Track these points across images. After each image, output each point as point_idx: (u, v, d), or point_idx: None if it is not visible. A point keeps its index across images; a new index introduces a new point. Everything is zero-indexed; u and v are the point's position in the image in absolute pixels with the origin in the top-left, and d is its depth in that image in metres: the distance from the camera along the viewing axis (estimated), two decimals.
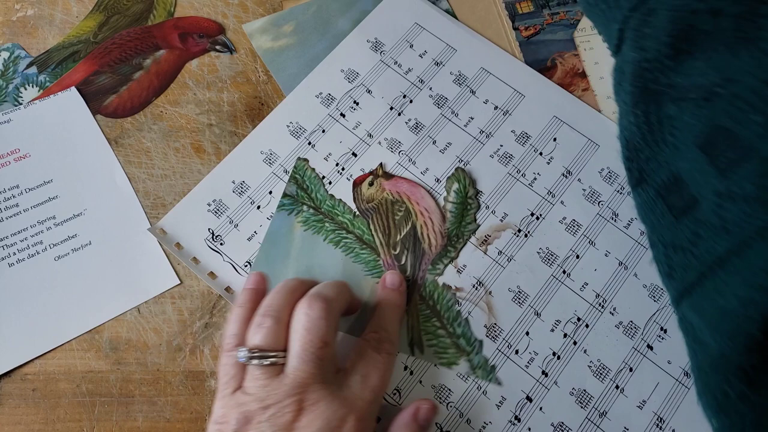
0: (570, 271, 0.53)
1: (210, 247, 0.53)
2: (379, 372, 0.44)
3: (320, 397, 0.40)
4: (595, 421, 0.49)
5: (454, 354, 0.50)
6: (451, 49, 0.61)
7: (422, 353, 0.50)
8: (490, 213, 0.54)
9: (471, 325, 0.51)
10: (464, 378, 0.49)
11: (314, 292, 0.45)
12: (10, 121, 0.56)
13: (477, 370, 0.50)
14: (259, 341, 0.42)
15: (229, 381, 0.42)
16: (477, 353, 0.50)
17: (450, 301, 0.52)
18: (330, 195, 0.54)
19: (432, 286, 0.52)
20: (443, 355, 0.50)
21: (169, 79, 0.59)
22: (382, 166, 0.55)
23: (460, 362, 0.50)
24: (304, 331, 0.42)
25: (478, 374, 0.50)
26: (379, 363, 0.45)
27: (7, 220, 0.53)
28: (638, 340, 0.51)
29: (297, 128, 0.57)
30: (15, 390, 0.48)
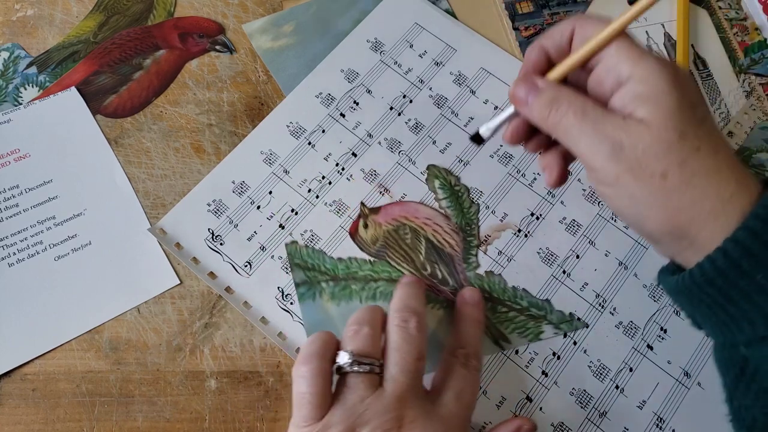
0: (570, 271, 0.53)
1: (210, 247, 0.53)
2: (471, 388, 0.44)
3: (418, 415, 0.40)
4: (595, 421, 0.49)
5: (535, 325, 0.51)
6: (451, 49, 0.61)
7: (510, 342, 0.51)
8: (490, 213, 0.54)
9: (530, 291, 0.52)
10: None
11: (404, 306, 0.45)
12: (10, 121, 0.56)
13: (562, 326, 0.51)
14: (358, 347, 0.42)
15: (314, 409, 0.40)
16: (551, 312, 0.51)
17: (501, 283, 0.52)
18: (338, 259, 0.53)
19: (478, 280, 0.52)
20: (526, 332, 0.51)
21: (169, 79, 0.59)
22: (363, 204, 0.54)
23: (544, 328, 0.51)
24: (402, 342, 0.42)
25: (564, 328, 0.51)
26: (470, 379, 0.44)
27: (7, 220, 0.53)
28: (638, 340, 0.51)
29: (297, 128, 0.57)
30: (15, 390, 0.48)
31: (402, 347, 0.42)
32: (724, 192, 0.36)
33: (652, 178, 0.36)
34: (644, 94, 0.37)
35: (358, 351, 0.41)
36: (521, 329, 0.51)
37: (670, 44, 0.63)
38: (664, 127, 0.36)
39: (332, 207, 0.54)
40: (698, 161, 0.36)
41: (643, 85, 0.37)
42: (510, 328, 0.51)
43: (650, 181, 0.36)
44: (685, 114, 0.36)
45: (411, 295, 0.46)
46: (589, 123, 0.38)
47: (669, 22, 0.64)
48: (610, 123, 0.37)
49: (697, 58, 0.63)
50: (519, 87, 0.42)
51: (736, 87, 0.61)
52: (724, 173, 0.36)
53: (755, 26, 0.64)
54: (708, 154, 0.36)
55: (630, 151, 0.37)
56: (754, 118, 0.60)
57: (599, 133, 0.38)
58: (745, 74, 0.62)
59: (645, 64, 0.37)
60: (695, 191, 0.36)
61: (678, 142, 0.36)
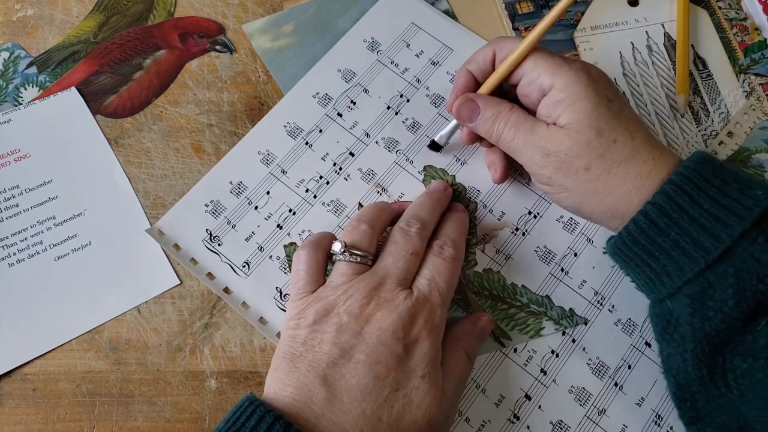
0: (568, 269, 0.53)
1: (208, 248, 0.53)
2: (445, 275, 0.46)
3: (395, 297, 0.44)
4: (594, 419, 0.49)
5: (535, 321, 0.51)
6: (448, 49, 0.61)
7: (510, 339, 0.51)
8: (487, 212, 0.54)
9: (530, 287, 0.52)
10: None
11: (412, 214, 0.49)
12: (10, 121, 0.56)
13: (562, 322, 0.51)
14: (353, 240, 0.46)
15: (307, 283, 0.46)
16: (551, 308, 0.52)
17: (500, 280, 0.52)
18: None
19: (477, 278, 0.52)
20: (527, 329, 0.51)
21: (169, 79, 0.59)
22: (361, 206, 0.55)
23: (545, 324, 0.51)
24: (399, 238, 0.46)
25: (565, 324, 0.51)
26: (443, 266, 0.46)
27: (7, 220, 0.53)
28: (636, 337, 0.51)
29: (294, 128, 0.57)
30: (15, 390, 0.48)
31: (398, 241, 0.46)
32: (643, 171, 0.44)
33: (577, 173, 0.45)
34: (563, 101, 0.45)
35: (351, 243, 0.46)
36: (522, 326, 0.51)
37: (670, 44, 0.63)
38: (582, 128, 0.44)
39: (330, 207, 0.54)
40: (616, 151, 0.44)
41: (562, 93, 0.45)
42: (510, 325, 0.51)
43: (576, 175, 0.45)
44: (600, 112, 0.44)
45: (423, 205, 0.50)
46: (522, 136, 0.47)
47: (669, 22, 0.64)
48: (537, 133, 0.46)
49: (697, 58, 0.63)
50: (463, 107, 0.50)
51: (735, 87, 0.61)
52: (642, 155, 0.44)
53: (755, 26, 0.64)
54: (624, 143, 0.44)
55: (555, 155, 0.45)
56: (753, 119, 0.60)
57: (531, 144, 0.46)
58: (745, 74, 0.62)
59: (562, 74, 0.45)
60: (617, 176, 0.44)
61: (596, 139, 0.44)
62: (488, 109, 0.49)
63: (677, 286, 0.43)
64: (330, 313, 0.43)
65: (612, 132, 0.44)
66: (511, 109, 0.48)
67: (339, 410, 0.40)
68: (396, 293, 0.44)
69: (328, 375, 0.41)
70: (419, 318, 0.43)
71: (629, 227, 0.44)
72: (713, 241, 0.40)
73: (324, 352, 0.42)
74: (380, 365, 0.41)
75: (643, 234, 0.43)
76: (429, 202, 0.50)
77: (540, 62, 0.46)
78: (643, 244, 0.43)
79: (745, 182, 0.42)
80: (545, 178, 0.47)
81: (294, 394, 0.41)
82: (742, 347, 0.40)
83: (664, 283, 0.44)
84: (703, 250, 0.41)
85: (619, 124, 0.44)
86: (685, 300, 0.42)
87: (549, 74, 0.46)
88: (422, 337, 0.43)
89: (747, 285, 0.39)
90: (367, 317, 0.43)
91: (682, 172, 0.42)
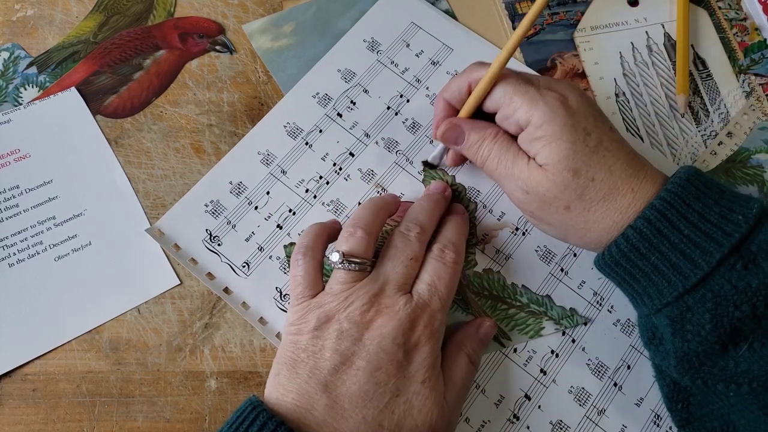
0: (568, 269, 0.53)
1: (208, 248, 0.53)
2: (445, 280, 0.46)
3: (395, 302, 0.44)
4: (594, 419, 0.49)
5: (535, 321, 0.51)
6: (448, 49, 0.61)
7: (510, 339, 0.51)
8: (487, 212, 0.54)
9: (530, 287, 0.52)
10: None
11: (412, 218, 0.49)
12: (10, 121, 0.56)
13: (563, 321, 0.51)
14: (350, 248, 0.45)
15: (305, 288, 0.46)
16: (552, 308, 0.52)
17: (500, 280, 0.52)
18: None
19: (477, 278, 0.52)
20: (527, 329, 0.51)
21: (169, 80, 0.59)
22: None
23: (545, 324, 0.51)
24: (399, 242, 0.46)
25: (565, 324, 0.51)
26: (443, 271, 0.46)
27: (7, 221, 0.53)
28: (635, 337, 0.51)
29: (294, 128, 0.57)
30: (15, 390, 0.48)
31: (398, 246, 0.46)
32: (622, 205, 0.44)
33: (557, 211, 0.45)
34: (539, 139, 0.45)
35: (349, 252, 0.45)
36: (522, 326, 0.51)
37: (670, 44, 0.63)
38: (559, 170, 0.44)
39: (330, 207, 0.54)
40: (594, 189, 0.44)
41: (539, 131, 0.45)
42: (510, 325, 0.51)
43: (557, 213, 0.46)
44: (577, 151, 0.44)
45: (422, 209, 0.50)
46: (503, 169, 0.47)
47: (669, 22, 0.64)
48: (518, 168, 0.46)
49: (697, 58, 0.63)
50: (448, 132, 0.50)
51: (735, 87, 0.61)
52: (620, 190, 0.44)
53: (755, 26, 0.64)
54: (603, 180, 0.44)
55: (535, 194, 0.46)
56: (753, 119, 0.60)
57: (511, 179, 0.47)
58: (744, 74, 0.62)
59: (537, 110, 0.45)
60: (596, 214, 0.44)
61: (573, 180, 0.44)
62: (473, 134, 0.49)
63: (657, 308, 0.43)
64: (331, 320, 0.43)
65: (589, 170, 0.44)
66: (496, 135, 0.48)
67: (340, 417, 0.40)
68: (396, 299, 0.44)
69: (329, 382, 0.41)
70: (419, 323, 0.44)
71: (611, 249, 0.44)
72: (692, 266, 0.41)
73: (325, 359, 0.42)
74: (381, 371, 0.42)
75: (624, 257, 0.44)
76: (428, 205, 0.50)
77: (516, 97, 0.46)
78: (624, 266, 0.44)
79: (728, 204, 0.42)
80: (528, 212, 0.48)
81: (296, 400, 0.41)
82: (725, 373, 0.40)
83: (645, 303, 0.45)
84: (682, 275, 0.41)
85: (597, 160, 0.44)
86: (666, 321, 0.42)
87: (524, 110, 0.45)
88: (422, 343, 0.43)
89: (724, 311, 0.39)
90: (367, 324, 0.43)
91: (663, 196, 0.42)
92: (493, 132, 0.48)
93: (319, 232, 0.48)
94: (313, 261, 0.47)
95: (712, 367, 0.41)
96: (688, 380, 0.42)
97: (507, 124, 0.47)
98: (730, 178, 0.57)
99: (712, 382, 0.41)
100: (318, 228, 0.49)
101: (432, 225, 0.49)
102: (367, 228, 0.46)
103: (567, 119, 0.44)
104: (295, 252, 0.47)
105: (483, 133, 0.49)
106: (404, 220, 0.49)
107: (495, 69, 0.47)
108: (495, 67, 0.47)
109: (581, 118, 0.45)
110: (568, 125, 0.44)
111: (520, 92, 0.46)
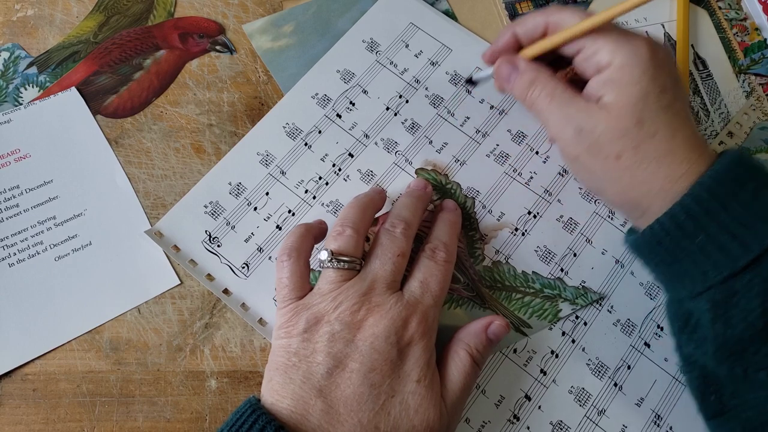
0: (568, 269, 0.53)
1: (207, 249, 0.53)
2: (437, 278, 0.46)
3: (384, 300, 0.44)
4: (594, 419, 0.49)
5: (551, 305, 0.52)
6: (447, 49, 0.61)
7: (531, 327, 0.51)
8: (486, 212, 0.54)
9: (540, 272, 0.52)
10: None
11: (395, 214, 0.48)
12: (10, 121, 0.56)
13: (578, 301, 0.52)
14: (339, 247, 0.45)
15: (292, 290, 0.45)
16: (565, 289, 0.52)
17: (510, 270, 0.53)
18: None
19: (488, 272, 0.52)
20: (545, 314, 0.51)
21: (169, 80, 0.59)
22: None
23: (561, 306, 0.51)
24: (385, 240, 0.46)
25: (581, 303, 0.52)
26: (436, 269, 0.46)
27: (8, 221, 0.53)
28: (635, 337, 0.51)
29: (293, 129, 0.57)
30: (15, 390, 0.48)
31: (384, 243, 0.46)
32: (675, 173, 0.42)
33: (606, 159, 0.43)
34: (614, 81, 0.43)
35: (337, 250, 0.45)
36: (539, 312, 0.51)
37: (670, 44, 0.63)
38: (622, 115, 0.42)
39: (329, 208, 0.54)
40: (652, 145, 0.42)
41: (617, 73, 0.42)
42: (528, 312, 0.51)
43: (605, 161, 0.43)
44: (648, 102, 0.42)
45: (405, 205, 0.49)
46: (556, 105, 0.45)
47: (669, 22, 0.64)
48: (574, 107, 0.44)
49: (697, 59, 0.63)
50: (503, 66, 0.49)
51: (735, 87, 0.61)
52: (678, 155, 0.42)
53: (755, 26, 0.64)
54: (664, 138, 0.42)
55: (588, 134, 0.43)
56: (753, 119, 0.60)
57: (564, 116, 0.44)
58: (744, 74, 0.62)
59: (622, 52, 0.42)
60: (646, 173, 0.42)
61: (634, 128, 0.42)
62: (526, 74, 0.47)
63: (699, 291, 0.41)
64: (321, 321, 0.43)
65: (653, 125, 0.42)
66: (550, 77, 0.46)
67: (336, 421, 0.40)
68: (386, 297, 0.44)
69: (323, 386, 0.41)
70: (412, 321, 0.43)
71: (654, 227, 0.42)
72: (741, 249, 0.39)
73: (318, 363, 0.42)
74: (375, 372, 0.41)
75: (668, 236, 0.42)
76: (410, 201, 0.50)
77: (601, 37, 0.43)
78: (667, 245, 0.42)
79: None
80: (573, 155, 0.45)
81: (291, 406, 0.41)
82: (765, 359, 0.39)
83: (685, 285, 0.43)
84: (730, 257, 0.40)
85: (664, 118, 0.42)
86: (707, 305, 0.41)
87: (608, 50, 0.43)
88: (415, 340, 0.43)
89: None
90: (358, 324, 0.43)
91: (714, 175, 0.41)
92: (548, 73, 0.46)
93: (305, 232, 0.48)
94: (299, 262, 0.46)
95: (755, 353, 0.39)
96: (726, 368, 0.41)
97: (586, 65, 0.45)
98: None
99: (753, 369, 0.40)
100: (303, 229, 0.48)
101: (416, 220, 0.49)
102: (355, 226, 0.46)
103: (649, 68, 0.42)
104: (280, 254, 0.46)
105: (536, 73, 0.46)
106: (389, 218, 0.48)
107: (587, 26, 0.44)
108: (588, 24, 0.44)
109: (662, 74, 0.43)
110: (648, 74, 0.42)
111: (605, 33, 0.44)
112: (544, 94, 0.45)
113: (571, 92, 0.45)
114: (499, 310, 0.51)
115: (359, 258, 0.45)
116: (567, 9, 0.46)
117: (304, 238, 0.47)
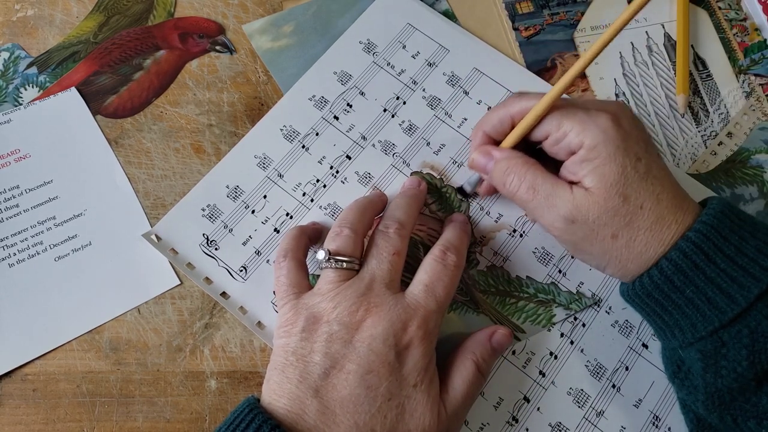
0: (566, 270, 0.53)
1: (205, 253, 0.53)
2: (444, 282, 0.45)
3: (384, 301, 0.44)
4: (593, 421, 0.49)
5: (545, 310, 0.52)
6: (444, 50, 0.60)
7: (524, 332, 0.51)
8: (485, 214, 0.54)
9: (535, 276, 0.52)
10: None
11: (389, 215, 0.48)
12: (10, 121, 0.56)
13: (572, 306, 0.52)
14: (337, 247, 0.46)
15: (290, 287, 0.46)
16: (559, 294, 0.52)
17: (504, 275, 0.53)
18: None
19: (482, 276, 0.52)
20: (539, 319, 0.51)
21: (169, 80, 0.60)
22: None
23: (555, 312, 0.52)
24: (380, 240, 0.46)
25: (575, 308, 0.52)
26: (443, 273, 0.46)
27: (8, 221, 0.53)
28: (633, 339, 0.51)
29: (290, 132, 0.57)
30: (15, 390, 0.48)
31: (379, 243, 0.46)
32: (665, 236, 0.43)
33: (603, 240, 0.44)
34: (590, 161, 0.43)
35: (335, 250, 0.45)
36: (533, 317, 0.51)
37: (670, 44, 0.63)
38: (609, 195, 0.43)
39: (327, 210, 0.54)
40: (642, 218, 0.43)
41: (590, 153, 0.43)
42: (522, 317, 0.51)
43: (602, 242, 0.44)
44: (627, 175, 0.43)
45: (398, 205, 0.49)
46: (542, 199, 0.45)
47: (669, 22, 0.64)
48: (559, 197, 0.44)
49: (697, 59, 0.63)
50: (478, 157, 0.49)
51: (735, 87, 0.61)
52: (667, 219, 0.43)
53: (755, 27, 0.64)
54: (651, 208, 0.43)
55: (582, 224, 0.44)
56: (753, 119, 0.60)
57: (552, 210, 0.45)
58: (744, 75, 0.62)
59: (589, 132, 0.43)
60: (641, 244, 0.43)
61: (623, 206, 0.43)
62: (502, 162, 0.48)
63: (689, 342, 0.43)
64: (319, 321, 0.43)
65: (639, 198, 0.43)
66: (526, 164, 0.47)
67: (332, 422, 0.40)
68: (385, 297, 0.44)
69: (320, 387, 0.41)
70: (412, 324, 0.43)
71: (643, 280, 0.43)
72: (728, 302, 0.40)
73: (315, 363, 0.42)
74: (372, 374, 0.41)
75: (657, 289, 0.43)
76: (404, 201, 0.50)
77: (565, 121, 0.45)
78: (656, 297, 0.43)
79: (764, 238, 0.41)
80: (570, 243, 0.46)
81: (287, 405, 0.41)
82: (757, 409, 0.40)
83: (675, 335, 0.44)
84: (718, 310, 0.41)
85: (646, 188, 0.43)
86: (697, 355, 0.42)
87: (576, 132, 0.44)
88: (414, 344, 0.43)
89: (762, 347, 0.39)
90: (357, 324, 0.43)
91: (699, 228, 0.42)
92: (523, 160, 0.47)
93: (298, 234, 0.49)
94: (295, 260, 0.47)
95: (745, 403, 0.40)
96: (716, 417, 0.41)
97: (557, 149, 0.46)
98: (730, 179, 0.57)
99: (743, 418, 0.40)
100: (297, 230, 0.49)
101: (410, 219, 0.48)
102: (353, 227, 0.46)
103: (620, 142, 0.43)
104: (277, 256, 0.48)
105: (511, 160, 0.47)
106: (383, 219, 0.48)
107: (546, 103, 0.45)
108: (547, 101, 0.45)
109: (633, 143, 0.44)
110: (620, 148, 0.43)
111: (569, 116, 0.45)
112: (525, 187, 0.46)
113: (551, 179, 0.46)
114: (493, 315, 0.51)
115: (358, 258, 0.46)
116: (524, 96, 0.48)
117: (298, 238, 0.48)
